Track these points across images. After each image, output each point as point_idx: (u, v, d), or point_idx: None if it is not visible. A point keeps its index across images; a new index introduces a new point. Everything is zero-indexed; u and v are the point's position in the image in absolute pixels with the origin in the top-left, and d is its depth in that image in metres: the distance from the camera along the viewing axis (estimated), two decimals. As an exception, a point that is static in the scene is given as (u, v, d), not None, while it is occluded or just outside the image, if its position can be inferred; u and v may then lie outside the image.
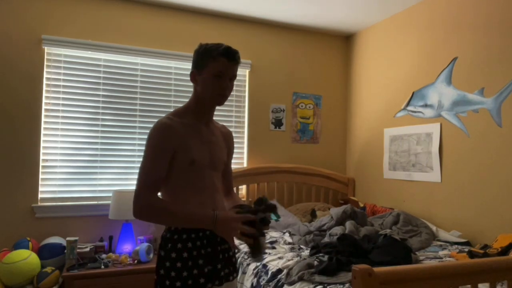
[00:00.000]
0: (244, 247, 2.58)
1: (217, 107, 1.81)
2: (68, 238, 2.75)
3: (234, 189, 3.47)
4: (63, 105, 3.07)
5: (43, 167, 2.99)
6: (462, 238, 2.68)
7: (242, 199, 3.54)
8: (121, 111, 3.24)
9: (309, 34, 3.98)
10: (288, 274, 2.06)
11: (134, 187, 3.23)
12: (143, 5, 3.32)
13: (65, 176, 3.06)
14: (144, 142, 3.28)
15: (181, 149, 1.48)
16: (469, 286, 1.28)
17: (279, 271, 2.17)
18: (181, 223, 1.45)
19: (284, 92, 3.85)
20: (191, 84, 3.44)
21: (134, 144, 3.27)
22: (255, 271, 2.34)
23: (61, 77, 3.06)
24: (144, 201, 1.41)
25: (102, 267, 2.72)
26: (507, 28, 2.54)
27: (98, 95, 3.17)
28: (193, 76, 1.55)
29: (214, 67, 1.49)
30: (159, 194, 1.50)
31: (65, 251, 2.75)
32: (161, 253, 1.51)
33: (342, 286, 1.84)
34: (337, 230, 2.60)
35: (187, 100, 3.39)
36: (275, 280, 2.11)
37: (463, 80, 2.82)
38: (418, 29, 3.23)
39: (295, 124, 3.89)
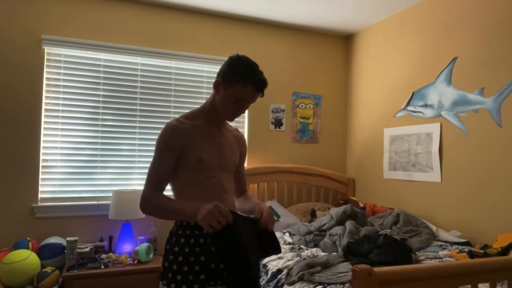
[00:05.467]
0: None
1: None
2: (68, 238, 2.75)
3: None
4: (63, 105, 3.06)
5: (43, 167, 2.99)
6: (462, 238, 2.68)
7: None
8: (121, 111, 3.24)
9: (309, 34, 3.98)
10: (288, 274, 2.07)
11: (134, 187, 3.24)
12: (143, 5, 3.32)
13: (65, 176, 3.06)
14: (144, 142, 3.30)
15: (189, 149, 1.53)
16: (469, 286, 1.28)
17: (279, 271, 2.17)
18: (174, 217, 1.50)
19: (284, 92, 3.85)
20: (191, 84, 3.46)
21: (134, 144, 3.27)
22: (255, 271, 2.33)
23: (61, 77, 3.06)
24: (143, 196, 1.51)
25: (102, 267, 2.72)
26: (507, 28, 2.54)
27: (98, 95, 3.17)
28: (217, 85, 1.55)
29: (240, 92, 1.51)
30: (171, 189, 1.61)
31: (65, 251, 2.74)
32: (167, 246, 1.58)
33: (342, 286, 1.84)
34: (337, 230, 2.60)
35: (187, 100, 3.43)
36: (275, 280, 2.11)
37: (463, 80, 2.82)
38: (418, 29, 3.23)
39: (295, 124, 3.89)
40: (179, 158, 1.54)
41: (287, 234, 2.94)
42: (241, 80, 1.49)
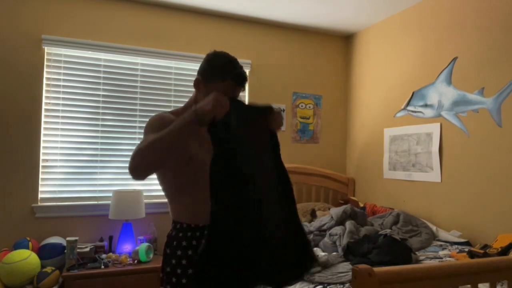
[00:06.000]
0: None
1: None
2: (68, 238, 2.75)
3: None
4: (63, 105, 3.06)
5: (43, 167, 2.99)
6: (462, 238, 2.68)
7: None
8: (121, 111, 3.24)
9: (309, 34, 3.98)
10: (288, 274, 2.06)
11: (134, 187, 3.23)
12: (143, 5, 3.32)
13: (65, 176, 3.06)
14: (144, 142, 3.29)
15: None
16: (469, 286, 1.28)
17: (279, 271, 2.16)
18: (172, 138, 1.32)
19: (284, 92, 3.85)
20: (191, 84, 3.46)
21: (134, 144, 3.27)
22: (255, 271, 2.33)
23: (61, 77, 3.06)
24: (131, 157, 1.34)
25: (102, 267, 2.72)
26: (508, 28, 2.54)
27: (98, 95, 3.17)
28: (197, 83, 1.53)
29: (220, 88, 1.46)
30: (163, 192, 1.56)
31: (65, 251, 2.74)
32: (167, 250, 1.52)
33: (342, 286, 1.84)
34: (337, 230, 2.60)
35: (187, 100, 3.42)
36: (275, 280, 2.11)
37: (463, 80, 2.82)
38: (418, 29, 3.23)
39: (295, 124, 3.89)
40: None
41: (287, 234, 2.93)
42: (220, 76, 1.47)
